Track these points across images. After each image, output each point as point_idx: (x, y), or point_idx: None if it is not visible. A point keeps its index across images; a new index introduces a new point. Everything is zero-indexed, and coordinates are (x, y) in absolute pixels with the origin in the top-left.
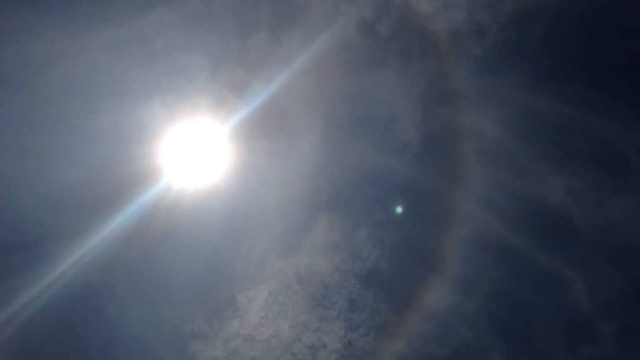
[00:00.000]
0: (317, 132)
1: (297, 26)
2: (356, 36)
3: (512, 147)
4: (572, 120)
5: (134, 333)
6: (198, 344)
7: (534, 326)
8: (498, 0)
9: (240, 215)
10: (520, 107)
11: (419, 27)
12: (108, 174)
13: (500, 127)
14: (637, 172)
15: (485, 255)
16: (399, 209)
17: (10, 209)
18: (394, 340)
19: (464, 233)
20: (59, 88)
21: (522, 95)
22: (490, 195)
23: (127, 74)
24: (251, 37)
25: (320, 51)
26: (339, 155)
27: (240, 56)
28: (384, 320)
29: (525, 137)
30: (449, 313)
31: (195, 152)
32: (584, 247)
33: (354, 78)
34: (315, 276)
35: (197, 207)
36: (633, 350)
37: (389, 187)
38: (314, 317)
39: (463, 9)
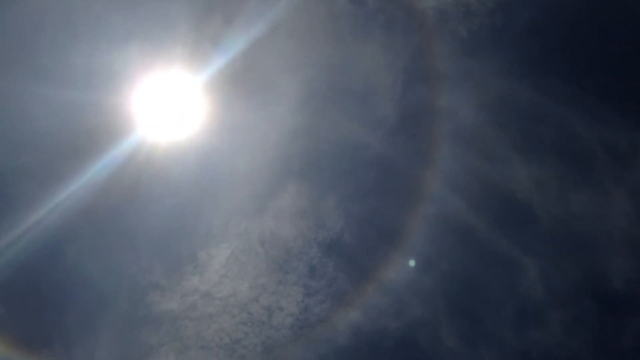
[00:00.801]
0: (295, 95)
1: None
2: (343, 3)
3: (484, 132)
4: (545, 111)
5: (92, 279)
6: (155, 295)
7: (486, 308)
8: None
9: (209, 173)
10: (497, 93)
11: (406, 2)
12: (79, 120)
13: (476, 111)
14: (602, 168)
15: (447, 236)
16: (412, 263)
17: None
18: (350, 309)
19: (429, 212)
20: (31, 27)
21: (500, 81)
22: (458, 177)
23: (105, 17)
24: None
25: (306, 14)
26: (314, 122)
27: (223, 9)
28: (341, 290)
29: (499, 123)
30: (406, 289)
31: (168, 104)
32: (543, 236)
33: (337, 45)
34: (278, 240)
35: (166, 160)
36: (578, 340)
37: (361, 160)
38: (273, 280)
39: None
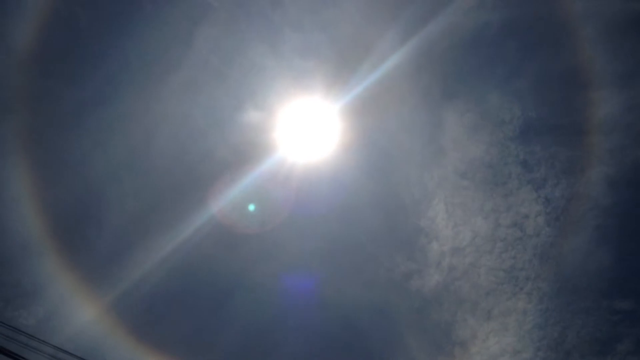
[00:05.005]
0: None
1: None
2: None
3: None
4: None
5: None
6: (415, 280)
7: None
8: None
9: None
10: None
11: None
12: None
13: None
14: None
15: None
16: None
17: (138, 177)
18: (587, 171)
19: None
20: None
21: None
22: None
23: (249, 49)
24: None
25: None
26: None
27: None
28: (566, 159)
29: None
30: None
31: (309, 125)
32: None
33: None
34: (474, 162)
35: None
36: None
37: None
38: (497, 198)
39: None
